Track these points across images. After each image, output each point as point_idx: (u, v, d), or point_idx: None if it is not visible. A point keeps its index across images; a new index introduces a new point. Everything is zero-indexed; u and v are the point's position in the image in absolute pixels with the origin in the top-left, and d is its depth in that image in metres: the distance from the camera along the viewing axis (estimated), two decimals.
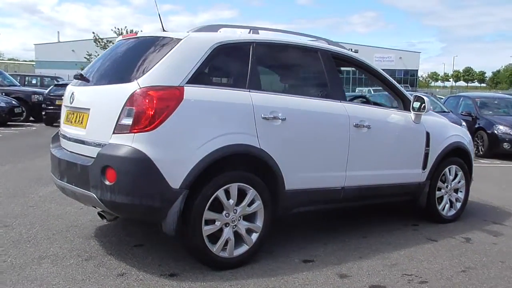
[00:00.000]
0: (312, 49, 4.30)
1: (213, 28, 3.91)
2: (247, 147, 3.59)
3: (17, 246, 3.95)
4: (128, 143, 3.26)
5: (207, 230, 3.47)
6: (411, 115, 4.86)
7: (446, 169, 5.22)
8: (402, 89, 5.00)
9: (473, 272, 3.78)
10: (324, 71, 4.28)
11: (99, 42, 39.23)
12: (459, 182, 5.40)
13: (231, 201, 3.56)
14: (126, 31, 40.14)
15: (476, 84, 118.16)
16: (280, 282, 3.42)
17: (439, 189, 5.20)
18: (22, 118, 15.86)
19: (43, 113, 15.65)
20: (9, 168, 7.72)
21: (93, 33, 39.48)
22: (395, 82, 4.98)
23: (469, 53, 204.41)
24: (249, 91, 3.71)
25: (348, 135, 4.25)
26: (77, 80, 4.00)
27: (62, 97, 13.35)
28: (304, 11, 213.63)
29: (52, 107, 15.51)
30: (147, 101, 3.26)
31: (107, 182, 3.28)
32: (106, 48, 40.35)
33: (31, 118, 17.00)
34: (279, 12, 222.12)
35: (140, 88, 3.30)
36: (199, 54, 3.55)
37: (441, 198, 5.24)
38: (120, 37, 4.16)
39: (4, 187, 6.22)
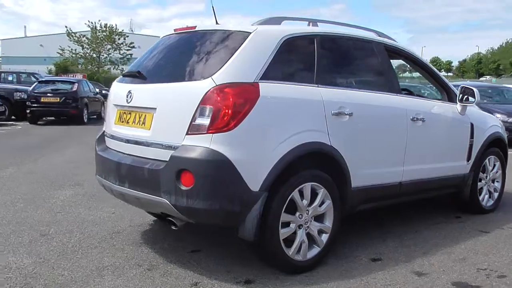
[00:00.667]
0: (368, 42, 4.16)
1: (277, 20, 3.70)
2: (320, 145, 3.43)
3: (66, 257, 3.68)
4: (206, 145, 3.04)
5: (283, 233, 3.30)
6: (458, 106, 4.78)
7: (486, 160, 5.18)
8: (447, 80, 4.92)
9: None
10: (380, 63, 4.15)
11: (72, 36, 38.15)
12: (496, 172, 5.38)
13: (305, 202, 3.40)
14: (100, 25, 39.13)
15: (444, 73, 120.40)
16: (362, 284, 3.29)
17: (480, 180, 5.16)
18: (4, 117, 15.21)
19: (28, 111, 15.06)
20: (13, 171, 7.32)
21: (66, 27, 38.41)
22: (440, 74, 4.90)
23: (436, 43, 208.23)
24: (318, 86, 3.54)
25: (406, 129, 4.14)
26: (128, 78, 3.75)
27: (48, 94, 12.88)
28: (276, 4, 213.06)
29: (37, 105, 14.94)
30: (225, 99, 3.05)
31: (182, 187, 3.06)
32: (80, 42, 39.61)
33: (13, 117, 16.34)
34: (251, 5, 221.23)
35: (217, 85, 3.09)
36: (270, 48, 3.35)
37: (481, 189, 5.21)
38: (172, 31, 3.92)
39: (19, 192, 5.87)
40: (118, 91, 3.78)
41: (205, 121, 3.05)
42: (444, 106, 4.71)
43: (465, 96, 4.71)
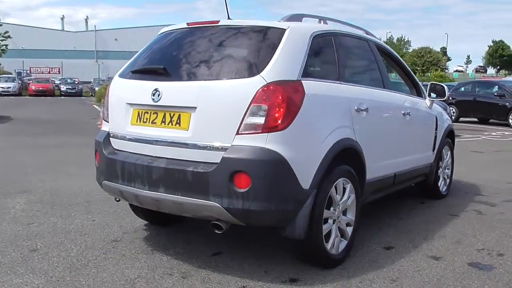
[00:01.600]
0: (366, 40, 4.34)
1: (298, 17, 3.70)
2: (350, 141, 3.53)
3: (81, 273, 3.34)
4: (261, 144, 2.96)
5: (324, 229, 3.35)
6: (427, 101, 5.20)
7: (443, 149, 5.71)
8: (415, 77, 5.32)
9: None
10: (377, 60, 4.37)
11: None
12: (448, 160, 5.95)
13: (338, 197, 3.48)
14: None
15: None
16: (396, 272, 3.45)
17: (439, 168, 5.67)
18: None
19: None
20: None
21: None
22: (411, 71, 5.28)
23: None
24: (340, 83, 3.63)
25: (400, 122, 4.42)
26: (147, 74, 3.49)
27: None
28: None
29: None
30: (278, 97, 2.99)
31: (237, 189, 2.95)
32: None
33: None
34: None
35: (267, 83, 3.01)
36: (305, 45, 3.36)
37: (439, 176, 5.73)
38: (184, 25, 3.70)
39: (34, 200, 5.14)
40: (134, 88, 3.51)
41: (259, 120, 2.97)
42: (420, 101, 5.10)
43: (434, 92, 5.14)
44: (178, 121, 3.21)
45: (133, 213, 4.44)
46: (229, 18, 3.69)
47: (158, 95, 3.27)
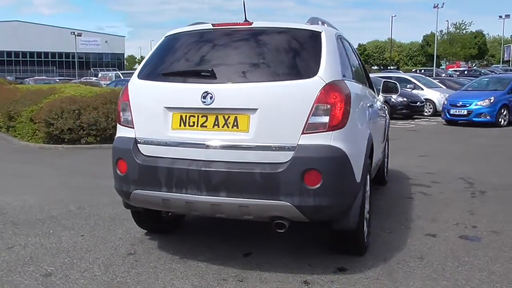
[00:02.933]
0: (348, 41, 4.64)
1: (316, 20, 3.84)
2: (370, 135, 3.83)
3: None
4: (327, 142, 3.09)
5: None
6: (380, 96, 5.75)
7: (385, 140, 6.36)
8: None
9: (479, 212, 4.98)
10: (359, 58, 4.74)
11: None
12: (387, 150, 6.64)
13: (367, 187, 3.76)
14: None
15: None
16: (411, 250, 3.86)
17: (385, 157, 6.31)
18: None
19: None
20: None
21: None
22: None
23: (156, 38, 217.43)
24: (355, 82, 3.91)
25: (375, 115, 4.83)
26: (190, 77, 3.35)
27: None
28: None
29: None
30: (337, 97, 3.14)
31: (309, 187, 3.04)
32: None
33: None
34: None
35: (327, 83, 3.15)
36: (336, 47, 3.55)
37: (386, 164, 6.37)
38: (209, 25, 3.60)
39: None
40: (176, 91, 3.35)
41: (323, 119, 3.10)
42: (378, 96, 5.62)
43: (387, 89, 5.69)
44: (235, 124, 3.17)
45: (117, 224, 4.32)
46: (246, 19, 3.71)
47: (210, 97, 3.19)
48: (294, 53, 3.39)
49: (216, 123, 3.21)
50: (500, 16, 61.71)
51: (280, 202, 3.07)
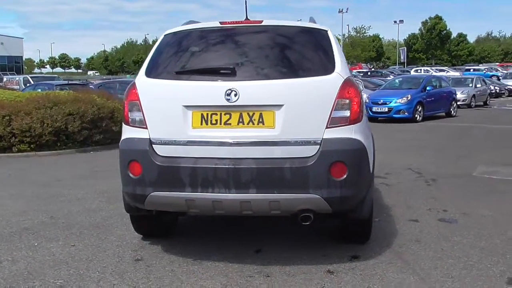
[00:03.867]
0: None
1: (313, 20, 3.95)
2: None
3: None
4: (349, 135, 3.22)
5: None
6: None
7: None
8: None
9: (441, 198, 5.41)
10: None
11: None
12: None
13: None
14: None
15: (73, 70, 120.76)
16: (412, 234, 4.13)
17: None
18: None
19: None
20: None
21: None
22: None
23: (59, 40, 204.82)
24: None
25: None
26: (209, 75, 3.30)
27: None
28: None
29: None
30: (354, 92, 3.28)
31: (335, 179, 3.15)
32: None
33: None
34: None
35: (345, 79, 3.28)
36: (338, 44, 3.70)
37: None
38: (217, 24, 3.56)
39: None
40: (196, 89, 3.28)
41: (345, 113, 3.23)
42: None
43: None
44: (260, 120, 3.19)
45: (105, 232, 4.24)
46: (247, 18, 3.75)
47: (235, 95, 3.18)
48: (309, 50, 3.47)
49: (241, 120, 3.21)
50: (395, 21, 66.51)
51: (310, 195, 3.15)
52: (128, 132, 3.45)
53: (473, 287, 3.14)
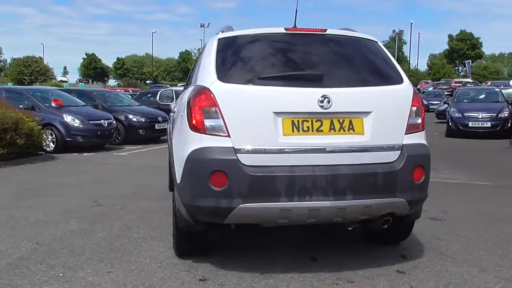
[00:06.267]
0: None
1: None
2: None
3: None
4: (422, 141, 3.45)
5: None
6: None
7: None
8: None
9: None
10: None
11: None
12: None
13: None
14: None
15: None
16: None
17: None
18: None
19: None
20: None
21: None
22: None
23: None
24: None
25: None
26: (302, 81, 3.26)
27: None
28: None
29: None
30: (421, 100, 3.51)
31: (416, 182, 3.32)
32: None
33: None
34: None
35: (413, 89, 3.48)
36: None
37: None
38: (282, 30, 3.49)
39: None
40: (287, 95, 3.19)
41: (418, 120, 3.43)
42: None
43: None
44: (351, 127, 3.22)
45: (134, 253, 3.87)
46: (295, 25, 3.76)
47: (328, 101, 3.17)
48: (379, 60, 3.60)
49: (332, 127, 3.21)
50: None
51: (397, 199, 3.27)
52: (203, 141, 3.17)
53: None
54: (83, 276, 3.39)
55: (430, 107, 23.66)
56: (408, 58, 72.22)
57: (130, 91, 29.82)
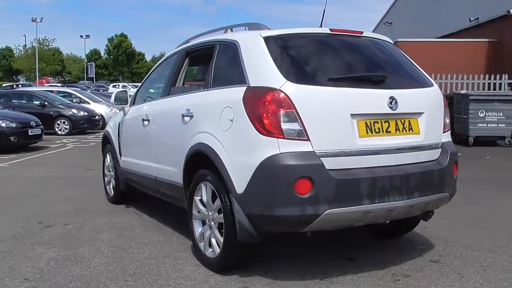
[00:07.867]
0: None
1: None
2: None
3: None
4: (450, 139, 3.71)
5: None
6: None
7: None
8: None
9: None
10: None
11: None
12: None
13: None
14: None
15: None
16: None
17: None
18: None
19: None
20: None
21: None
22: None
23: None
24: None
25: None
26: (369, 83, 3.26)
27: None
28: None
29: None
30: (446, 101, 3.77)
31: (454, 177, 3.60)
32: None
33: None
34: None
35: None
36: None
37: None
38: (327, 30, 3.43)
39: None
40: (361, 97, 3.16)
41: (447, 120, 3.69)
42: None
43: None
44: (410, 127, 3.33)
45: (164, 272, 3.49)
46: (321, 26, 3.77)
47: (395, 103, 3.23)
48: (406, 62, 3.74)
49: (397, 127, 3.28)
50: (81, 36, 65.39)
51: (445, 193, 3.50)
52: (282, 146, 2.95)
53: None
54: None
55: None
56: None
57: None
